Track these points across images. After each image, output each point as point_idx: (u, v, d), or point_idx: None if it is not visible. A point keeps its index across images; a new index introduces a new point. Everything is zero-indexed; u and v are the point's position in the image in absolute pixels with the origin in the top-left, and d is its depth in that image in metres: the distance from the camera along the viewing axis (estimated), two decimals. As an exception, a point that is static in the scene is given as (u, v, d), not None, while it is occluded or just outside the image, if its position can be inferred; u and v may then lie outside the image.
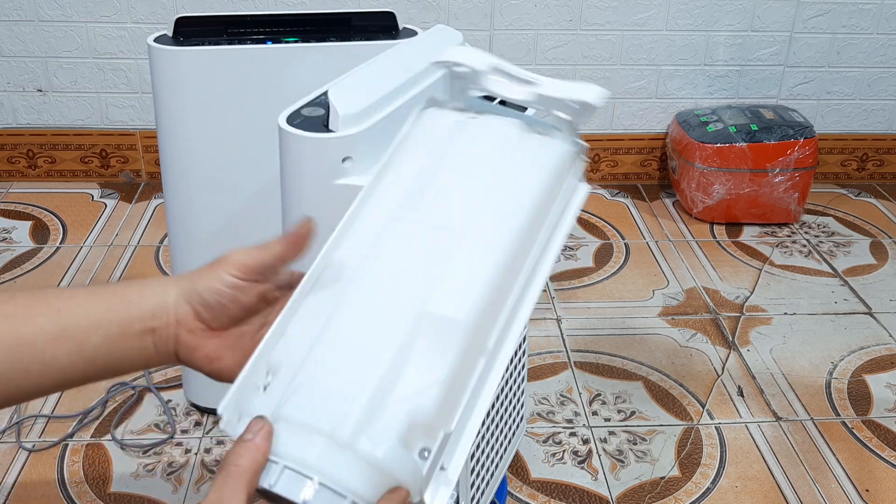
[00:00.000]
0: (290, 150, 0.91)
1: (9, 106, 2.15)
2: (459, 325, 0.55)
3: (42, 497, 1.27)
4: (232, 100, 1.19)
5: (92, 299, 0.60)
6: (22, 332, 0.57)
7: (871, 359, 1.65)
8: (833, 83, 2.27)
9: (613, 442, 1.41)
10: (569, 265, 1.93)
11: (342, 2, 2.07)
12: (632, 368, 1.59)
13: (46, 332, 0.58)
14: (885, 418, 1.49)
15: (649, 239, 2.06)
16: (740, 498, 1.31)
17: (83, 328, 0.58)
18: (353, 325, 0.56)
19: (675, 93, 2.24)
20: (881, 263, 1.98)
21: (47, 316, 0.58)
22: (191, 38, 1.19)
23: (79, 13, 2.05)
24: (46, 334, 0.58)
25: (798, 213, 2.14)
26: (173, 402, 1.47)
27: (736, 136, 2.05)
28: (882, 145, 2.35)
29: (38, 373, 0.57)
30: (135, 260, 1.88)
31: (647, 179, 2.34)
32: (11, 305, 0.58)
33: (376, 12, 1.26)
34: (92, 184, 2.22)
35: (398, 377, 0.53)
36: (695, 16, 2.16)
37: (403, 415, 0.52)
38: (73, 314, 0.59)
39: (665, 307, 1.78)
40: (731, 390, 1.54)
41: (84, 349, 0.58)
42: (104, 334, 0.59)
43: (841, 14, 2.18)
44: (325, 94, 0.98)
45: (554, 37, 2.15)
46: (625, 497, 1.31)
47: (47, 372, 0.58)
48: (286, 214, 0.96)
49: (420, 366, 0.53)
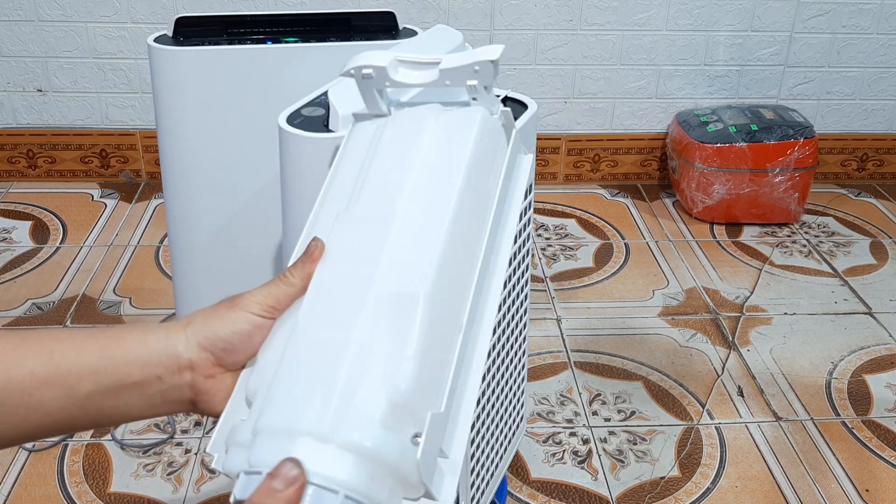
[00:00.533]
0: (290, 150, 0.91)
1: (9, 106, 2.15)
2: (416, 297, 0.54)
3: (42, 497, 1.27)
4: (232, 100, 1.19)
5: (87, 342, 0.56)
6: (11, 374, 0.54)
7: (871, 359, 1.65)
8: (833, 83, 2.27)
9: (613, 442, 1.41)
10: (569, 265, 1.93)
11: (342, 2, 2.07)
12: (632, 368, 1.59)
13: (36, 376, 0.54)
14: (885, 418, 1.49)
15: (649, 239, 2.06)
16: (740, 498, 1.31)
17: (75, 373, 0.55)
18: (314, 326, 0.55)
19: (675, 93, 2.24)
20: (881, 263, 1.98)
21: (38, 358, 0.55)
22: (191, 38, 1.19)
23: (79, 13, 2.05)
24: (36, 378, 0.54)
25: (798, 213, 2.14)
26: (173, 402, 1.47)
27: (736, 136, 2.05)
28: (882, 145, 2.35)
29: (22, 417, 0.54)
30: (135, 260, 1.88)
31: (647, 179, 2.34)
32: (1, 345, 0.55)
33: (376, 12, 1.26)
34: (92, 184, 2.22)
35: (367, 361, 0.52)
36: (695, 16, 2.16)
37: (381, 398, 0.50)
38: (66, 357, 0.55)
39: (665, 307, 1.78)
40: (731, 390, 1.54)
41: (75, 396, 0.55)
42: (97, 381, 0.55)
43: (841, 14, 2.18)
44: (325, 94, 0.98)
45: (554, 37, 2.15)
46: (625, 497, 1.31)
47: (32, 417, 0.55)
48: (286, 214, 0.96)
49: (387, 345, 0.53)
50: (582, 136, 2.27)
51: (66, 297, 1.74)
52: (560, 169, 2.30)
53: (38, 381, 0.54)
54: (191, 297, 1.33)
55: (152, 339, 0.57)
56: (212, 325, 0.57)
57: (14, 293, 1.75)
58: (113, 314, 1.69)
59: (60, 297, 1.73)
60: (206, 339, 0.57)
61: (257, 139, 1.21)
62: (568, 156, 2.29)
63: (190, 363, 0.57)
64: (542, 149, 2.26)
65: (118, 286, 1.78)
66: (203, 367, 0.57)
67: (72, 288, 1.77)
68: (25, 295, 1.74)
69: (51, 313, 1.69)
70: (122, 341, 0.57)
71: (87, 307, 1.71)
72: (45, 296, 1.74)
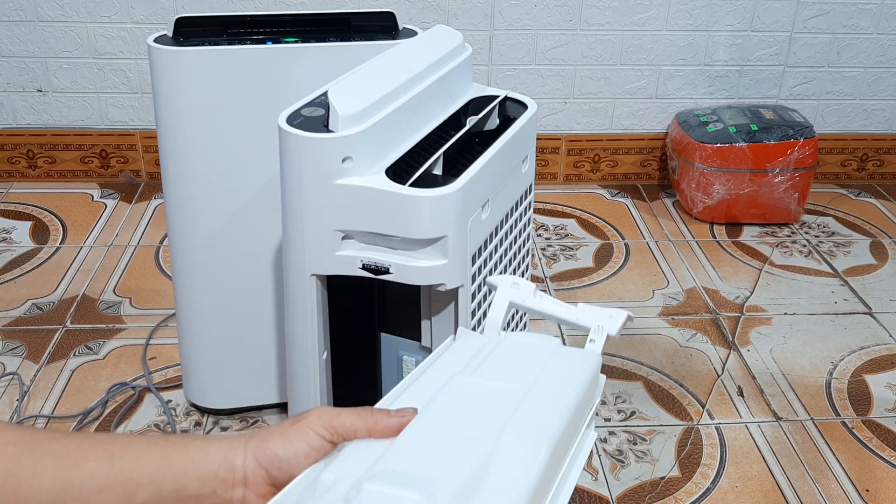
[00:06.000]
0: (290, 150, 0.91)
1: (9, 106, 2.15)
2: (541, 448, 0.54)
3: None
4: (232, 100, 1.19)
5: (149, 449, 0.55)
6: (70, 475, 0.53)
7: (871, 359, 1.65)
8: (833, 83, 2.27)
9: (613, 442, 1.41)
10: (569, 265, 1.93)
11: (342, 2, 2.07)
12: (632, 368, 1.59)
13: (95, 480, 0.53)
14: (885, 418, 1.49)
15: (649, 239, 2.06)
16: (740, 498, 1.31)
17: (134, 480, 0.53)
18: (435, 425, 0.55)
19: (674, 93, 2.24)
20: (881, 263, 1.98)
21: (99, 461, 0.53)
22: (191, 39, 1.19)
23: (79, 13, 2.05)
24: (95, 482, 0.53)
25: (798, 213, 2.14)
26: (173, 403, 1.47)
27: (736, 136, 2.05)
28: (882, 145, 2.35)
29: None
30: (135, 260, 1.88)
31: (647, 179, 2.34)
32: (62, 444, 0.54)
33: (376, 12, 1.26)
34: (92, 184, 2.22)
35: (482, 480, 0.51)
36: (695, 16, 2.16)
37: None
38: (127, 463, 0.54)
39: (665, 307, 1.78)
40: (731, 390, 1.54)
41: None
42: (155, 491, 0.54)
43: (841, 14, 2.18)
44: (325, 94, 0.98)
45: (554, 37, 2.15)
46: (625, 497, 1.31)
47: None
48: (286, 214, 0.96)
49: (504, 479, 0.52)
50: (582, 136, 2.27)
51: (66, 298, 1.74)
52: (560, 169, 2.30)
53: (98, 485, 0.53)
54: (191, 297, 1.33)
55: (214, 449, 0.56)
56: (271, 440, 0.56)
57: (14, 293, 1.75)
58: (113, 314, 1.69)
59: (60, 298, 1.74)
60: (263, 455, 0.55)
61: (257, 139, 1.21)
62: (568, 156, 2.29)
63: (244, 479, 0.55)
64: (542, 149, 2.26)
65: (118, 286, 1.78)
66: (256, 483, 0.56)
67: (72, 288, 1.77)
68: (25, 295, 1.74)
69: (51, 313, 1.69)
70: (184, 451, 0.56)
71: (87, 307, 1.71)
72: (45, 296, 1.74)
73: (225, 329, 1.35)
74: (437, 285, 0.94)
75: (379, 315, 1.10)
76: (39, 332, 1.63)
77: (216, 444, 0.56)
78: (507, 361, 0.64)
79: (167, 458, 0.55)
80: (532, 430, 0.55)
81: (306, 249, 0.95)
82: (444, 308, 1.00)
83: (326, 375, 1.06)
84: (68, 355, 1.57)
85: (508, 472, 0.52)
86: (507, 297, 0.71)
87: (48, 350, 1.58)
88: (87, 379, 1.51)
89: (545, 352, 0.65)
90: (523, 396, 0.58)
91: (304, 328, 1.01)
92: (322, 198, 0.91)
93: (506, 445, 0.53)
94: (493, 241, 1.01)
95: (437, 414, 0.56)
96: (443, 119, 1.05)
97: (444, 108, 1.06)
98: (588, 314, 0.70)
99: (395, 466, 0.51)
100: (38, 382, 1.50)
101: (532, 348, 0.66)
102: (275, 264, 1.32)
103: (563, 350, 0.67)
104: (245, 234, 1.29)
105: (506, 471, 0.52)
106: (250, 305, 1.34)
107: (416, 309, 1.04)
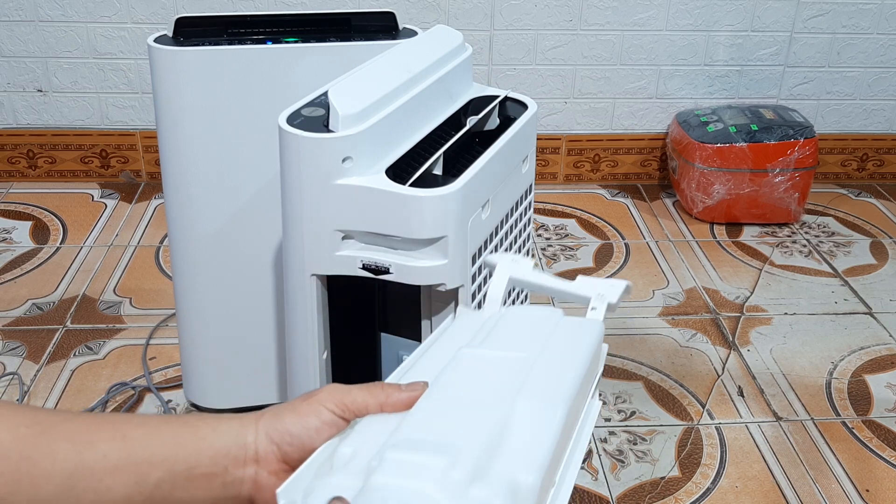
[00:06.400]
0: (290, 150, 0.91)
1: (9, 106, 2.15)
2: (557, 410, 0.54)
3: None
4: (232, 100, 1.19)
5: (161, 428, 0.55)
6: (83, 456, 0.53)
7: (871, 359, 1.65)
8: (833, 83, 2.27)
9: (613, 442, 1.41)
10: (569, 265, 1.93)
11: (342, 2, 2.07)
12: (632, 368, 1.59)
13: (108, 460, 0.53)
14: (885, 418, 1.49)
15: (649, 239, 2.06)
16: (740, 498, 1.31)
17: (147, 460, 0.54)
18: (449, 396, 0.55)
19: (675, 93, 2.24)
20: (881, 263, 1.98)
21: (112, 442, 0.53)
22: (191, 39, 1.19)
23: (79, 13, 2.05)
24: (108, 462, 0.53)
25: (798, 213, 2.14)
26: (173, 402, 1.47)
27: (736, 136, 2.05)
28: (882, 145, 2.35)
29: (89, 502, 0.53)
30: (135, 260, 1.88)
31: (647, 179, 2.34)
32: (74, 425, 0.54)
33: (376, 12, 1.26)
34: (92, 184, 2.22)
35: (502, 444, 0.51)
36: (695, 16, 2.16)
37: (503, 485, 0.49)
38: (139, 443, 0.54)
39: (665, 307, 1.78)
40: (732, 390, 1.54)
41: (144, 484, 0.53)
42: (169, 468, 0.54)
43: (841, 14, 2.18)
44: (325, 94, 0.98)
45: (554, 37, 2.15)
46: (625, 497, 1.31)
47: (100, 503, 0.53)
48: (286, 214, 0.96)
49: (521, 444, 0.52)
50: (582, 136, 2.27)
51: (67, 298, 1.74)
52: (560, 169, 2.30)
53: (111, 465, 0.53)
54: (191, 297, 1.33)
55: (225, 427, 0.56)
56: (283, 417, 0.56)
57: (14, 293, 1.75)
58: (113, 314, 1.69)
59: (60, 298, 1.74)
60: (275, 431, 0.55)
61: (257, 139, 1.21)
62: (568, 156, 2.29)
63: (256, 456, 0.55)
64: (542, 149, 2.26)
65: (118, 286, 1.78)
66: (268, 460, 0.56)
67: (72, 288, 1.77)
68: (25, 295, 1.74)
69: (51, 313, 1.69)
70: (196, 429, 0.56)
71: (87, 307, 1.71)
72: (45, 296, 1.74)
73: (225, 329, 1.35)
74: (437, 285, 0.94)
75: (379, 315, 1.10)
76: (39, 332, 1.63)
77: (228, 423, 0.56)
78: (513, 332, 0.65)
79: (179, 436, 0.55)
80: (547, 394, 0.56)
81: (306, 249, 0.95)
82: (444, 308, 1.00)
83: (326, 375, 1.06)
84: (68, 355, 1.57)
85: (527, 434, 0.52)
86: (507, 273, 0.71)
87: (48, 350, 1.58)
88: (88, 379, 1.51)
89: (549, 321, 0.66)
90: (533, 364, 0.59)
91: (304, 328, 1.01)
92: (322, 198, 0.91)
93: (522, 410, 0.54)
94: (493, 242, 1.01)
95: (448, 385, 0.57)
96: (443, 119, 1.05)
97: (444, 108, 1.06)
98: (588, 285, 0.71)
99: (415, 435, 0.51)
100: (38, 382, 1.50)
101: (536, 318, 0.67)
102: (275, 264, 1.32)
103: (566, 319, 0.67)
104: (245, 234, 1.29)
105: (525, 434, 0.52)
106: (250, 305, 1.34)
107: (416, 309, 1.04)
